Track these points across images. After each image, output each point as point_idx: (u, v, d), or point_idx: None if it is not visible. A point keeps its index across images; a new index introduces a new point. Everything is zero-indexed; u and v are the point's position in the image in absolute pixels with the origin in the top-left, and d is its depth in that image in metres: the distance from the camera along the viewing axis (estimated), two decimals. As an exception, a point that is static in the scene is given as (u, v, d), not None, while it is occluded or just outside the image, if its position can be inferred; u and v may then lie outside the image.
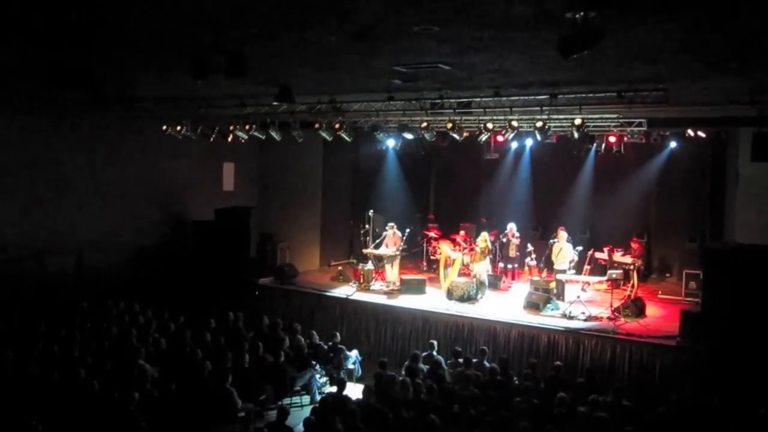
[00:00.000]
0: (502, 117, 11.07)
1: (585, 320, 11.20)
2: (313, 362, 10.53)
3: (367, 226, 14.82)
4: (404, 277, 13.58)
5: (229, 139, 13.74)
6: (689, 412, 7.91)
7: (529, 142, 14.06)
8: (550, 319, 11.36)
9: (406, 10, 5.19)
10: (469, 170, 17.41)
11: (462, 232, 15.14)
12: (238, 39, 6.47)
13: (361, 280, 13.71)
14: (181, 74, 7.87)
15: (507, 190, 16.63)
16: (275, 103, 9.91)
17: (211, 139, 14.00)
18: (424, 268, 15.49)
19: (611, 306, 11.63)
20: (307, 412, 8.74)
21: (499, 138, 12.69)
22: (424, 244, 15.83)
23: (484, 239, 13.36)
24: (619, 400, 8.07)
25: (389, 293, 13.25)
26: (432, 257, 15.25)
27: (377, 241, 14.36)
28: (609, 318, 11.29)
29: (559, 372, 9.46)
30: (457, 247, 14.22)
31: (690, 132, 12.23)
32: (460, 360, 9.98)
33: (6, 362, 8.82)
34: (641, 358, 10.21)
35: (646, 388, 9.54)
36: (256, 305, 13.64)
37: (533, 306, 11.85)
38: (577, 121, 10.55)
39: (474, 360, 10.02)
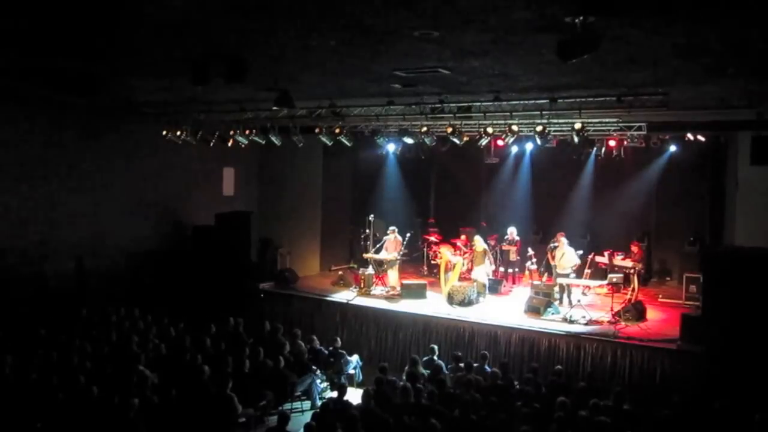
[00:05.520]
0: (502, 121, 11.08)
1: (586, 324, 11.18)
2: (314, 367, 10.51)
3: (367, 230, 14.80)
4: (405, 281, 13.55)
5: (229, 144, 13.76)
6: (690, 416, 7.90)
7: (529, 147, 14.05)
8: (550, 323, 11.34)
9: (406, 15, 5.21)
10: (469, 174, 17.43)
11: (462, 237, 15.13)
12: (239, 44, 6.49)
13: (362, 285, 13.69)
14: (182, 79, 7.90)
15: (507, 195, 16.64)
16: (275, 108, 9.93)
17: (211, 144, 14.02)
18: (425, 273, 15.48)
19: (612, 310, 11.62)
20: (307, 417, 8.71)
21: (499, 142, 12.69)
22: (425, 249, 15.82)
23: (478, 242, 13.40)
24: (620, 404, 8.06)
25: (390, 298, 13.23)
26: (432, 262, 15.24)
27: (378, 245, 14.36)
28: (610, 322, 11.27)
29: (560, 376, 9.44)
30: (458, 252, 14.21)
31: (689, 136, 12.25)
32: (461, 365, 9.97)
33: (5, 368, 8.81)
34: (642, 362, 10.20)
35: (647, 392, 9.54)
36: (256, 310, 13.63)
37: (534, 310, 11.83)
38: (577, 126, 10.56)
39: (475, 365, 10.00)
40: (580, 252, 13.19)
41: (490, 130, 11.54)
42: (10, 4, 5.32)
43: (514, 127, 11.08)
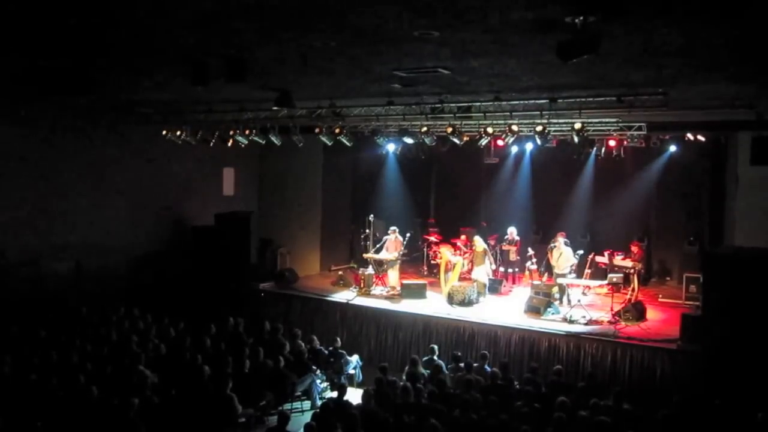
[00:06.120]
0: (502, 121, 11.08)
1: (586, 324, 11.19)
2: (314, 367, 10.51)
3: (367, 230, 14.81)
4: (405, 281, 13.56)
5: (229, 144, 13.75)
6: (690, 416, 7.90)
7: (529, 147, 14.05)
8: (550, 323, 11.35)
9: (406, 15, 5.21)
10: (469, 174, 17.42)
11: (462, 237, 15.13)
12: (239, 44, 6.49)
13: (362, 285, 13.70)
14: (181, 79, 7.90)
15: (507, 195, 16.63)
16: (275, 108, 9.93)
17: (211, 144, 14.01)
18: (425, 273, 15.48)
19: (612, 310, 11.63)
20: (307, 417, 8.72)
21: (499, 142, 12.69)
22: (425, 249, 15.82)
23: (478, 242, 13.39)
24: (620, 404, 8.06)
25: (390, 298, 13.23)
26: (432, 262, 15.25)
27: (378, 245, 14.36)
28: (610, 322, 11.28)
29: (560, 376, 9.45)
30: (458, 252, 14.21)
31: (689, 136, 12.25)
32: (461, 364, 9.98)
33: (5, 368, 8.80)
34: (642, 362, 10.20)
35: (647, 392, 9.54)
36: (256, 310, 13.63)
37: (534, 310, 11.83)
38: (577, 126, 10.56)
39: (475, 364, 10.01)
40: (580, 252, 13.20)
41: (490, 130, 11.55)
42: (10, 3, 5.32)
43: (514, 127, 11.08)
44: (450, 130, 11.52)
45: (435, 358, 10.33)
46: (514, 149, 14.74)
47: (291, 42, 6.36)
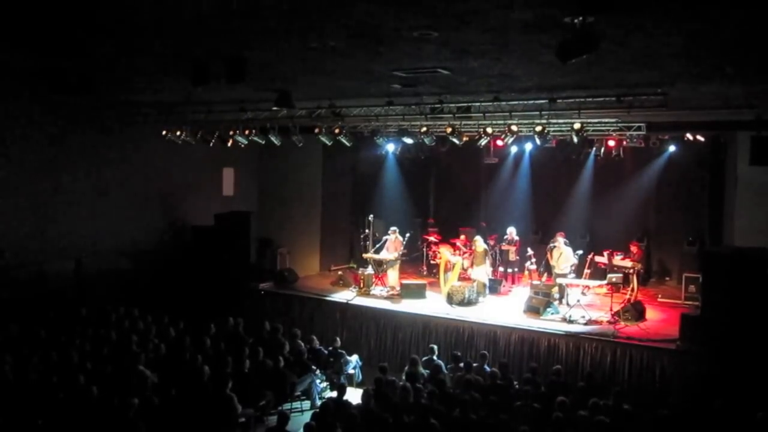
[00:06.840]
0: (502, 121, 11.10)
1: (585, 324, 11.19)
2: (314, 367, 10.52)
3: (366, 230, 14.82)
4: (404, 281, 13.56)
5: (229, 144, 13.77)
6: (690, 416, 7.91)
7: (528, 147, 14.07)
8: (550, 323, 11.34)
9: (405, 15, 5.22)
10: (468, 175, 17.44)
11: (462, 237, 15.14)
12: (239, 44, 6.50)
13: (362, 285, 13.70)
14: (181, 80, 7.91)
15: (507, 195, 16.65)
16: (275, 108, 9.93)
17: (211, 144, 14.02)
18: (424, 273, 15.48)
19: (611, 310, 11.64)
20: (307, 417, 8.71)
21: (499, 142, 12.71)
22: (424, 249, 15.83)
23: (479, 242, 13.42)
24: (620, 403, 8.06)
25: (390, 298, 13.24)
26: (432, 262, 15.25)
27: (378, 245, 14.36)
28: (609, 322, 11.28)
29: (560, 376, 9.45)
30: (457, 252, 14.22)
31: (689, 136, 12.27)
32: (461, 364, 9.98)
33: (5, 368, 8.80)
34: (641, 362, 10.20)
35: (647, 392, 9.55)
36: (256, 310, 13.63)
37: (533, 310, 11.84)
38: (577, 126, 10.58)
39: (474, 364, 10.01)
40: (580, 252, 13.20)
41: (489, 130, 11.56)
42: (10, 3, 5.33)
43: (514, 127, 11.09)
44: (449, 130, 11.53)
45: (435, 358, 10.33)
46: (514, 149, 14.75)
47: (291, 42, 6.37)
